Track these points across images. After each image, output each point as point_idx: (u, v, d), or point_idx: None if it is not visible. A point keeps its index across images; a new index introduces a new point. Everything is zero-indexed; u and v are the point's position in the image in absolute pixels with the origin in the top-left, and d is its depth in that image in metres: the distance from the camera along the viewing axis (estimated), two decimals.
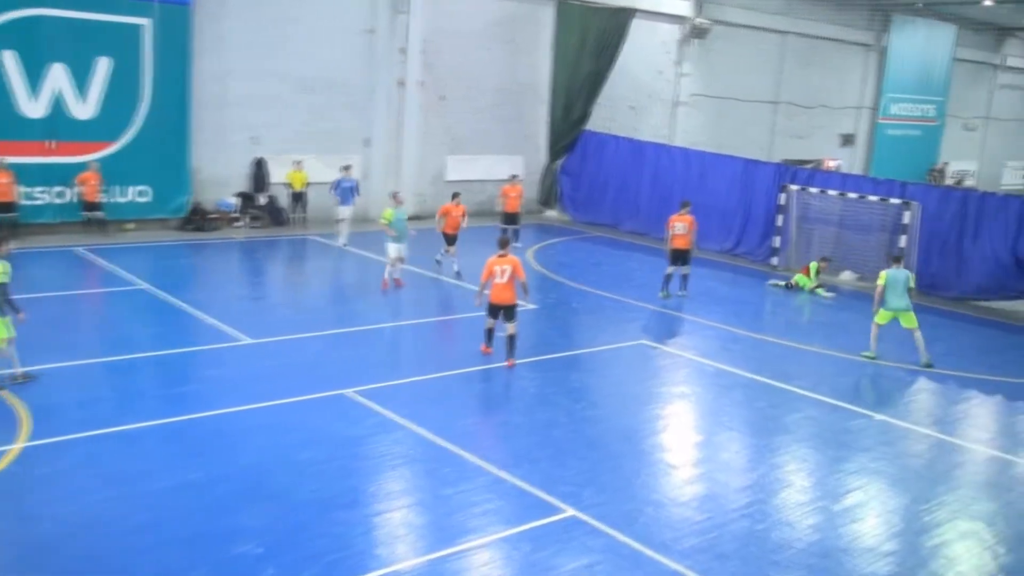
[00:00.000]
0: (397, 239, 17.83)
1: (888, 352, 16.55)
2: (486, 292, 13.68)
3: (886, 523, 9.70)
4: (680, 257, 18.89)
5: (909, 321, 15.29)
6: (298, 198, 23.94)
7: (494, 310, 13.70)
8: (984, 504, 10.29)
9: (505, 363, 13.56)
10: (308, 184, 23.79)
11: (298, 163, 23.67)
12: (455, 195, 19.93)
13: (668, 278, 19.00)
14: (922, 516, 9.87)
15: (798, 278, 20.91)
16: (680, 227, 18.75)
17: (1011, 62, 48.20)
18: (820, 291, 20.57)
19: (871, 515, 9.86)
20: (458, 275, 18.99)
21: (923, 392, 14.49)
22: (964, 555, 9.15)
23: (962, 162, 46.62)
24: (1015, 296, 19.68)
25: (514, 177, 24.19)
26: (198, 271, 19.78)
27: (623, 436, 11.54)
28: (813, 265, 20.96)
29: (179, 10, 21.56)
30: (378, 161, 25.76)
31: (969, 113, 47.16)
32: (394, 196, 18.88)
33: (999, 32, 45.96)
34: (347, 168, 22.00)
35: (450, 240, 19.44)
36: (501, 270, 13.44)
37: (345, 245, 21.66)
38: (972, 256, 20.18)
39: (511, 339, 13.59)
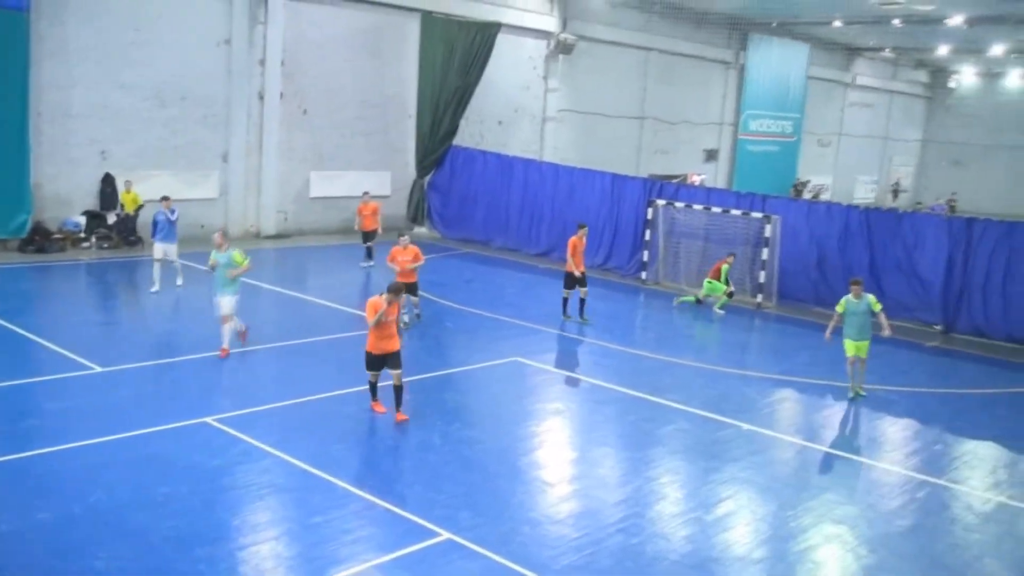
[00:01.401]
0: (221, 290, 14.40)
1: (755, 362, 17.06)
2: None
3: (755, 531, 9.88)
4: (566, 279, 18.50)
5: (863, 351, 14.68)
6: (130, 221, 22.51)
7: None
8: (847, 507, 10.61)
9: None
10: (142, 206, 22.28)
11: (128, 183, 22.25)
12: (401, 234, 17.16)
13: (565, 301, 18.69)
14: (789, 522, 10.10)
15: (708, 287, 20.51)
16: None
17: (860, 80, 50.99)
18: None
19: (741, 523, 10.04)
20: (406, 324, 16.46)
21: (788, 401, 14.91)
22: (829, 558, 9.41)
23: (818, 176, 49.01)
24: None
25: (365, 194, 23.40)
26: (40, 296, 18.59)
27: (498, 456, 11.43)
28: (724, 267, 20.49)
29: (15, 15, 20.29)
30: (238, 177, 24.93)
31: (823, 129, 49.62)
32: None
33: (849, 52, 48.61)
34: (166, 199, 18.59)
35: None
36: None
37: (157, 291, 18.34)
38: (836, 267, 20.99)
39: (396, 389, 12.28)
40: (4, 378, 12.83)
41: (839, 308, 14.61)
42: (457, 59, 27.50)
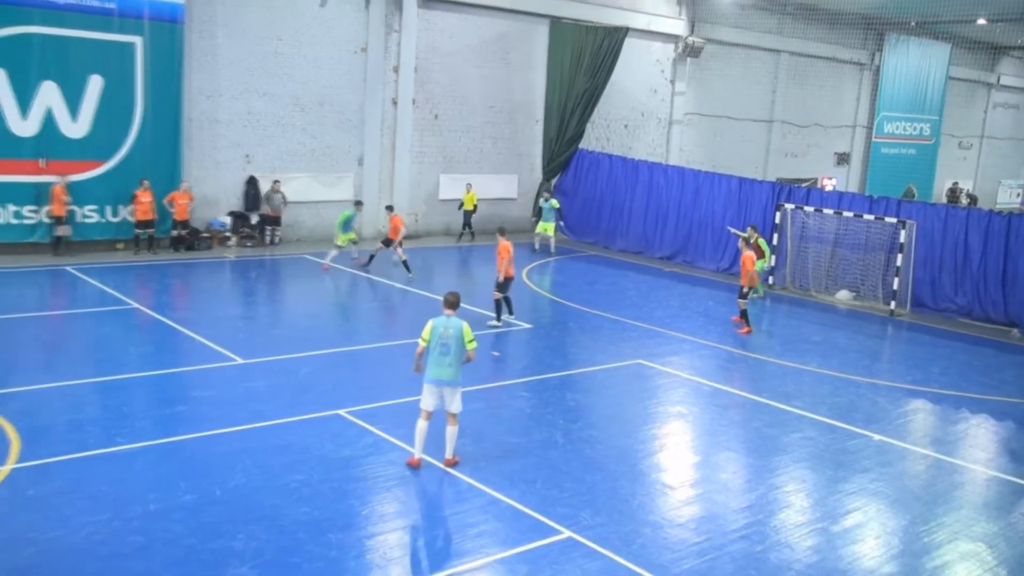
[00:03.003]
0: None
1: (885, 371, 16.52)
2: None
3: (885, 544, 9.61)
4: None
5: None
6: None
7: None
8: (984, 525, 10.20)
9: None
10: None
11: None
12: (502, 231, 18.09)
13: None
14: (922, 537, 9.78)
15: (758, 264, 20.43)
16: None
17: (1005, 81, 48.49)
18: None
19: (870, 536, 9.78)
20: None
21: (920, 412, 14.41)
22: None
23: (959, 181, 46.90)
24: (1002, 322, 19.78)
25: (388, 208, 22.20)
26: (189, 290, 19.61)
27: (620, 456, 11.44)
28: (763, 242, 21.10)
29: (171, 27, 21.52)
30: (371, 180, 25.73)
31: (964, 132, 47.39)
32: None
33: (993, 51, 46.25)
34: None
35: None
36: None
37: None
38: (969, 275, 20.18)
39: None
40: (156, 367, 13.69)
41: None
42: (584, 64, 27.62)
